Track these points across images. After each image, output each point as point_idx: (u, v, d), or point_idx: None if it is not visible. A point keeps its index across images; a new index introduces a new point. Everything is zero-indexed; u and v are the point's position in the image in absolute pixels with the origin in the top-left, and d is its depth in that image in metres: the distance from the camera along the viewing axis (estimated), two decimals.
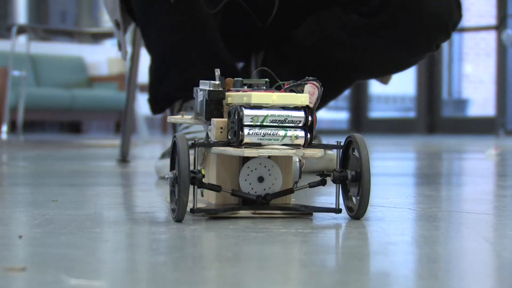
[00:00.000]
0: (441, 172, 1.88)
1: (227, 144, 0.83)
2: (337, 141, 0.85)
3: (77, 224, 0.82)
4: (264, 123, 0.81)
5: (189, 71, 1.48)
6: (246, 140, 0.81)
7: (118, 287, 0.53)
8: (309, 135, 0.82)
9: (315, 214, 0.87)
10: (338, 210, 0.85)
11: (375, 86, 6.59)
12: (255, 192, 0.85)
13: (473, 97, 7.23)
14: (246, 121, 0.81)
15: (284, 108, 0.82)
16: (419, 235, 0.77)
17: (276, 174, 0.86)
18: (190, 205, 0.82)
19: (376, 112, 7.18)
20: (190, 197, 0.81)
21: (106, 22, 7.44)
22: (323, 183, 0.87)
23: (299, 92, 0.84)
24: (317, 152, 0.82)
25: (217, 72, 0.87)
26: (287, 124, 0.82)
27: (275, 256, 0.66)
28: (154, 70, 1.53)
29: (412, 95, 6.79)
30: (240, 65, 1.72)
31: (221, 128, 0.84)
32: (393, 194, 1.26)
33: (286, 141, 0.82)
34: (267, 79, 0.87)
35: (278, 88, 0.86)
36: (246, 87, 0.87)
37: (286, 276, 0.57)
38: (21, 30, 5.51)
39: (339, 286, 0.53)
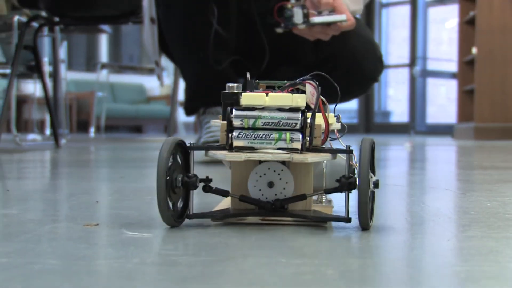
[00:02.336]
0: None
1: (224, 148, 0.53)
2: (346, 146, 0.54)
3: (136, 193, 0.80)
4: (256, 126, 0.52)
5: (207, 93, 1.54)
6: (235, 143, 0.52)
7: (161, 236, 0.51)
8: (307, 138, 0.52)
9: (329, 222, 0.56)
10: (347, 220, 0.54)
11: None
12: (266, 198, 0.55)
13: (394, 110, 7.21)
14: (236, 123, 0.52)
15: (280, 109, 0.52)
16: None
17: (287, 178, 0.55)
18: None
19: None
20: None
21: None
22: (339, 189, 0.54)
23: (303, 93, 0.54)
24: (307, 157, 0.51)
25: (248, 74, 0.59)
26: (283, 127, 0.52)
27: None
28: (187, 91, 1.60)
29: (355, 108, 6.78)
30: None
31: (225, 130, 0.53)
32: None
33: (281, 144, 0.52)
34: (285, 81, 0.56)
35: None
36: (261, 89, 0.56)
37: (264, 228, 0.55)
38: (103, 66, 5.50)
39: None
